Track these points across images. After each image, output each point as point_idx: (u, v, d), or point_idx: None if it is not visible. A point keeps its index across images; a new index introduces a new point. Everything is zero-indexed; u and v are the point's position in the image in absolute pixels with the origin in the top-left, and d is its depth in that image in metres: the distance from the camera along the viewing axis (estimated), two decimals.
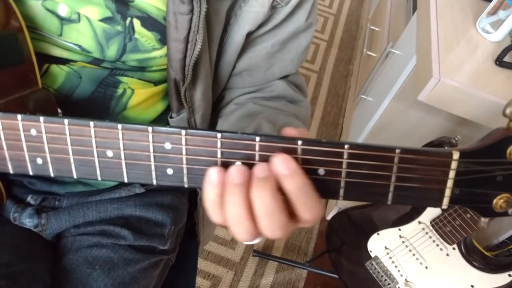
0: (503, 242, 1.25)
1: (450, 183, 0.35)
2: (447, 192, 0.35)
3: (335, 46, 2.44)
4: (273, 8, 0.55)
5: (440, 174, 0.35)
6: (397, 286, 1.14)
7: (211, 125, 0.64)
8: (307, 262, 1.52)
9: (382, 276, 1.15)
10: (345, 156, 0.34)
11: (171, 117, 0.57)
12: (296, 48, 0.62)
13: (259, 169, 0.33)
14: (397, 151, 0.34)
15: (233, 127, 0.57)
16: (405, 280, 1.12)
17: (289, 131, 0.36)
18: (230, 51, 0.57)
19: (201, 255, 1.45)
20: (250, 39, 0.58)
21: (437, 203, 0.36)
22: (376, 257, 1.16)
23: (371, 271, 1.17)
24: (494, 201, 0.36)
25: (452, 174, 0.34)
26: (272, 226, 0.33)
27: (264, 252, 1.54)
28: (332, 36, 2.49)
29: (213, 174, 0.34)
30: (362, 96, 1.55)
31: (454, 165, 0.34)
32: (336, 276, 1.30)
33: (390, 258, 1.14)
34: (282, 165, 0.33)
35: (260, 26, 0.56)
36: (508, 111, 0.33)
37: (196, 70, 0.52)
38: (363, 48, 1.79)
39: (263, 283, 1.49)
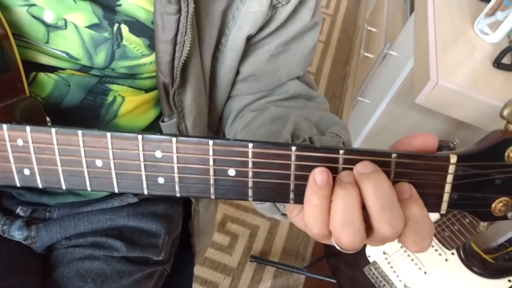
0: (502, 244, 1.25)
1: (448, 188, 0.35)
2: (445, 197, 0.35)
3: (332, 47, 2.42)
4: (273, 8, 0.53)
5: (437, 179, 0.34)
6: None
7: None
8: (305, 267, 1.51)
9: (380, 281, 1.14)
10: (340, 161, 0.34)
11: (162, 121, 0.56)
12: (302, 50, 0.60)
13: (362, 166, 0.33)
14: (393, 155, 0.34)
15: (265, 133, 0.54)
16: (404, 285, 1.12)
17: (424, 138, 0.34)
18: (231, 56, 0.55)
19: (197, 261, 1.43)
20: (252, 42, 0.57)
21: (435, 209, 0.35)
22: (375, 262, 1.15)
23: (369, 276, 1.17)
24: (493, 205, 0.35)
25: (449, 178, 0.34)
26: (392, 219, 0.31)
27: (261, 258, 1.53)
28: (329, 37, 2.47)
29: (320, 174, 0.33)
30: (359, 98, 1.54)
31: (451, 169, 0.34)
32: (334, 281, 1.29)
33: (389, 263, 1.14)
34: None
35: (262, 28, 0.55)
36: (505, 113, 0.32)
37: (185, 73, 0.51)
38: (360, 49, 1.79)
39: None
